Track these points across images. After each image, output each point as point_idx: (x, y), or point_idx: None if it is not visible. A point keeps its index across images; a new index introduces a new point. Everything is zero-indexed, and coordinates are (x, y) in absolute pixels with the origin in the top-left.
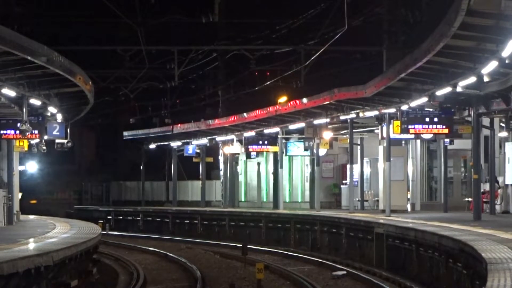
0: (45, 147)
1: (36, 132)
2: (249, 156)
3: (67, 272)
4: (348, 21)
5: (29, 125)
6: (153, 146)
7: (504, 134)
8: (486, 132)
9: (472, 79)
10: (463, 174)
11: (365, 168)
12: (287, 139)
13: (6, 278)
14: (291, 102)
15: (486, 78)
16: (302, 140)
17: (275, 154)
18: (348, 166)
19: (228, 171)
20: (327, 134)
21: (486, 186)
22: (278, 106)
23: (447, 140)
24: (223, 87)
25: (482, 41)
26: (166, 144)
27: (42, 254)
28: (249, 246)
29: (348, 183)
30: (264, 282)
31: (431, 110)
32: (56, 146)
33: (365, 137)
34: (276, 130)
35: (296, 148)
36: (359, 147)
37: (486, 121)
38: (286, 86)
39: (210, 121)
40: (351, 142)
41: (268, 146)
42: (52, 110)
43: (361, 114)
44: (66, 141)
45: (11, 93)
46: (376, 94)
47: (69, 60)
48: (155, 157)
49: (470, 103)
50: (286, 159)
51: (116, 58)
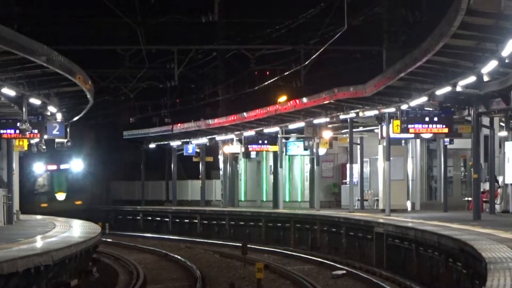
0: (45, 147)
1: (36, 131)
2: (248, 155)
3: (67, 271)
4: (348, 20)
5: (29, 124)
6: (153, 146)
7: (504, 133)
8: (486, 131)
9: (472, 79)
10: (463, 173)
11: (365, 167)
12: (287, 139)
13: (6, 277)
14: (291, 102)
15: (486, 78)
16: (302, 139)
17: (275, 153)
18: (348, 166)
19: (228, 171)
20: (327, 134)
21: (486, 186)
22: (278, 106)
23: (447, 139)
24: (223, 87)
25: (482, 40)
26: (166, 143)
27: (42, 253)
28: (248, 246)
29: (348, 183)
30: (264, 281)
31: (431, 109)
32: (56, 146)
33: (365, 136)
34: (276, 129)
35: (296, 147)
36: (359, 147)
37: (486, 120)
38: (286, 85)
39: (210, 120)
40: (351, 141)
41: (268, 146)
42: (52, 109)
43: (361, 114)
44: (66, 140)
45: (11, 92)
46: (376, 93)
47: (69, 59)
48: (155, 156)
49: (470, 103)
50: (286, 159)
51: (116, 58)
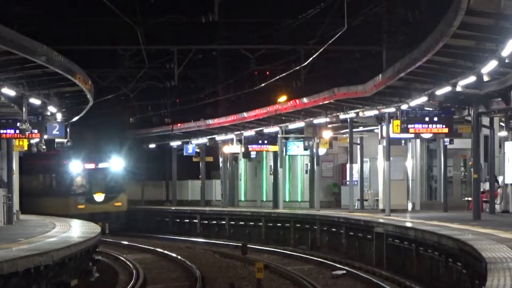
0: (45, 147)
1: (36, 131)
2: (248, 155)
3: (67, 271)
4: (348, 20)
5: (28, 124)
6: (152, 146)
7: (503, 133)
8: (486, 131)
9: (471, 79)
10: (463, 173)
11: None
12: (287, 139)
13: (6, 277)
14: (291, 102)
15: (485, 78)
16: (302, 139)
17: (275, 153)
18: (347, 166)
19: (228, 171)
20: (327, 134)
21: (485, 186)
22: (277, 106)
23: (447, 139)
24: (223, 87)
25: (482, 40)
26: (166, 143)
27: (42, 253)
28: (248, 246)
29: (348, 182)
30: (264, 281)
31: (431, 109)
32: (56, 146)
33: (364, 136)
34: (275, 129)
35: (295, 147)
36: (359, 147)
37: (485, 120)
38: (286, 85)
39: (210, 120)
40: (351, 141)
41: (267, 146)
42: (52, 109)
43: (360, 114)
44: (66, 140)
45: (11, 92)
46: (376, 93)
47: (68, 59)
48: (155, 156)
49: (469, 103)
50: (286, 159)
51: (115, 58)
